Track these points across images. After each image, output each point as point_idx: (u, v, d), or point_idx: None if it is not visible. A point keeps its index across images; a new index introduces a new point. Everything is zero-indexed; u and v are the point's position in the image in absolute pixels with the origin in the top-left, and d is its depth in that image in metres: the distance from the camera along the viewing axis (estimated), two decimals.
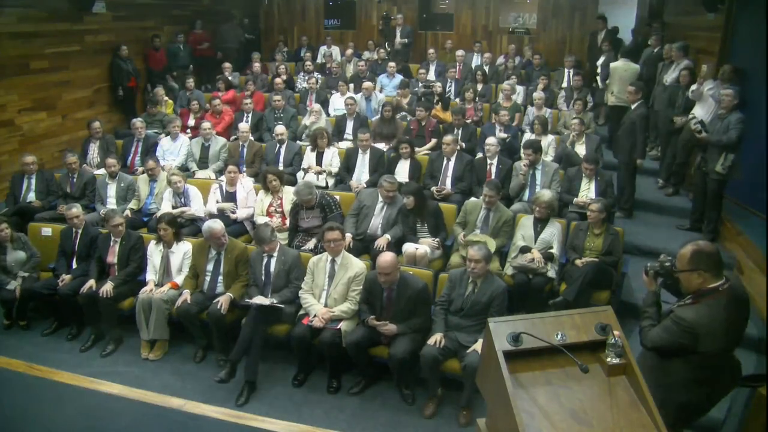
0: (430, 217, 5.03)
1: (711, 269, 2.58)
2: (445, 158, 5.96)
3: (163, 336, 4.59)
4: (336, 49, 10.82)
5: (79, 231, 4.99)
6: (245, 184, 5.69)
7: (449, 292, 4.03)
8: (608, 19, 9.47)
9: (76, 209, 4.99)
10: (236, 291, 4.48)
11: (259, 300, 4.24)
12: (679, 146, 6.48)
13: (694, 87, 6.07)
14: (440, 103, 7.57)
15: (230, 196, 5.61)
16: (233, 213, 5.47)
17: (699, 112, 6.01)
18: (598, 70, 8.44)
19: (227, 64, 9.27)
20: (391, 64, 8.99)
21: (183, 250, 4.76)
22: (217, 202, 5.56)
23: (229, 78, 8.87)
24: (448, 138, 5.93)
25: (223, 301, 4.36)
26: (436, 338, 3.85)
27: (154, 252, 4.76)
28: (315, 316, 4.11)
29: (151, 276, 4.73)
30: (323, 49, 10.77)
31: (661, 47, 7.51)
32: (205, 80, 9.84)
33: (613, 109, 7.55)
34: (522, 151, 5.78)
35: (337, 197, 5.41)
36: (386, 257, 3.95)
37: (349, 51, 10.33)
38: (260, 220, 5.30)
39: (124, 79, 8.60)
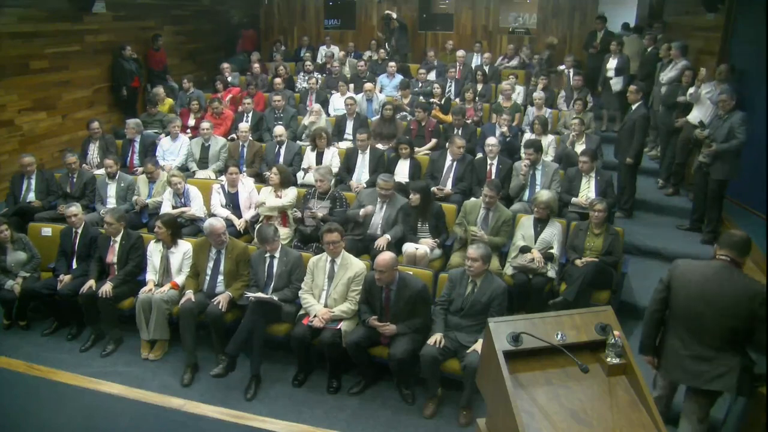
0: (432, 217, 5.04)
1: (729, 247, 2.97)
2: (448, 159, 5.95)
3: (163, 336, 4.58)
4: (336, 49, 10.82)
5: (79, 231, 4.99)
6: (246, 184, 5.69)
7: (449, 292, 4.03)
8: (608, 19, 9.48)
9: (75, 208, 4.99)
10: (235, 291, 4.48)
11: (257, 294, 4.24)
12: (678, 146, 6.48)
13: (691, 90, 6.07)
14: (440, 107, 7.56)
15: (232, 198, 5.61)
16: (239, 222, 5.47)
17: (696, 113, 6.02)
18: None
19: (226, 65, 9.26)
20: (391, 63, 9.00)
21: (183, 250, 4.75)
22: (222, 205, 5.57)
23: (228, 79, 8.87)
24: (460, 141, 5.91)
25: (222, 300, 4.36)
26: (435, 338, 3.85)
27: (153, 252, 4.75)
28: (315, 316, 4.12)
29: (150, 276, 4.73)
30: (323, 49, 10.77)
31: (658, 47, 7.52)
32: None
33: None
34: (523, 150, 5.78)
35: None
36: (384, 256, 3.96)
37: (342, 53, 10.30)
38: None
39: (127, 79, 8.60)
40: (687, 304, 2.96)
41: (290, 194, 5.40)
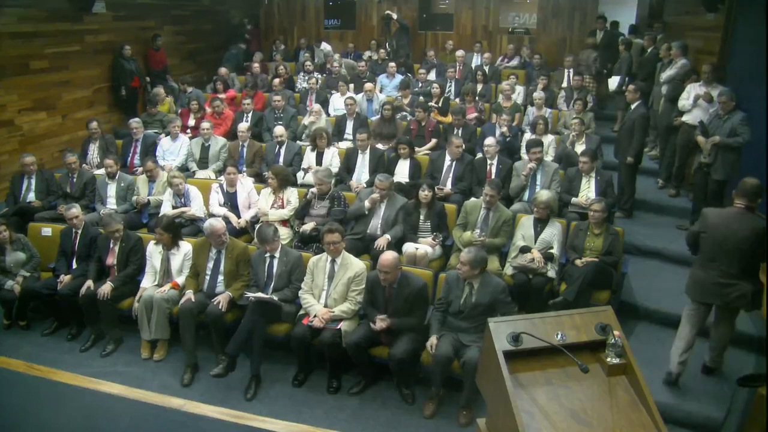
0: (435, 216, 5.04)
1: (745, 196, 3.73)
2: (447, 159, 5.95)
3: (164, 336, 4.58)
4: (328, 47, 10.83)
5: (79, 231, 4.99)
6: (245, 184, 5.69)
7: (446, 294, 4.03)
8: (608, 20, 9.48)
9: (75, 209, 4.99)
10: (235, 291, 4.48)
11: (257, 294, 4.24)
12: (678, 147, 6.47)
13: (687, 103, 6.06)
14: (438, 110, 7.54)
15: (231, 197, 5.60)
16: (237, 220, 5.46)
17: (696, 114, 6.01)
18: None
19: (224, 69, 9.24)
20: (392, 64, 8.99)
21: (183, 251, 4.75)
22: (220, 204, 5.57)
23: (226, 80, 8.86)
24: (457, 141, 5.91)
25: (222, 300, 4.36)
26: (431, 342, 3.87)
27: (153, 253, 4.75)
28: (315, 316, 4.12)
29: (146, 283, 4.71)
30: (322, 46, 10.77)
31: (658, 47, 7.51)
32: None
33: None
34: (528, 150, 5.74)
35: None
36: (388, 256, 3.97)
37: (337, 55, 10.31)
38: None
39: (127, 79, 8.60)
40: (713, 242, 3.79)
41: (292, 200, 5.40)
